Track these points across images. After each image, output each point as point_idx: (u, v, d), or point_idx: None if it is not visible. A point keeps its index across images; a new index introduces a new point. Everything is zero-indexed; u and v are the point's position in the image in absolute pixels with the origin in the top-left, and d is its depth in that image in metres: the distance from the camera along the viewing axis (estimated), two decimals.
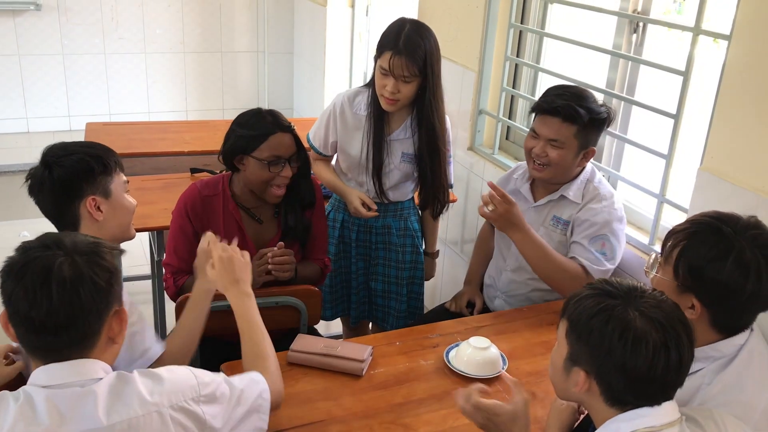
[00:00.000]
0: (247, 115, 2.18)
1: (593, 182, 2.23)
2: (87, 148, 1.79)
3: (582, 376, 1.25)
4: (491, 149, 3.22)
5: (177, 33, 5.55)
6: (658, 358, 1.18)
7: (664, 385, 1.22)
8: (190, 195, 2.21)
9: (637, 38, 2.55)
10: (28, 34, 5.16)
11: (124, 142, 3.38)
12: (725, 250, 1.38)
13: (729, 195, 1.99)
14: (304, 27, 5.54)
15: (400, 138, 2.47)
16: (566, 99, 2.11)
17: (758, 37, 1.89)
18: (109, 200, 1.76)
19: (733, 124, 1.98)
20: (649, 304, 1.22)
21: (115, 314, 1.31)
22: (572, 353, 1.27)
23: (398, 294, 2.65)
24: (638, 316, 1.20)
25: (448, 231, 3.49)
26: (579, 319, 1.25)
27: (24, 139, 5.31)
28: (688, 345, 1.22)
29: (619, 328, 1.19)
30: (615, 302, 1.23)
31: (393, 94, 2.29)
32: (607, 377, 1.22)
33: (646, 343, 1.18)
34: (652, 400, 1.22)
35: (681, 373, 1.22)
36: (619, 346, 1.19)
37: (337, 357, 1.85)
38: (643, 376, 1.19)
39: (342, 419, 1.68)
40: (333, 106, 2.50)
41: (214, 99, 5.85)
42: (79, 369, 1.26)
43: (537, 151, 2.17)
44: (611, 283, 1.27)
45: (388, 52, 2.26)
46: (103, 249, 1.31)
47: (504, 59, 3.08)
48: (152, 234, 2.78)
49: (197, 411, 1.33)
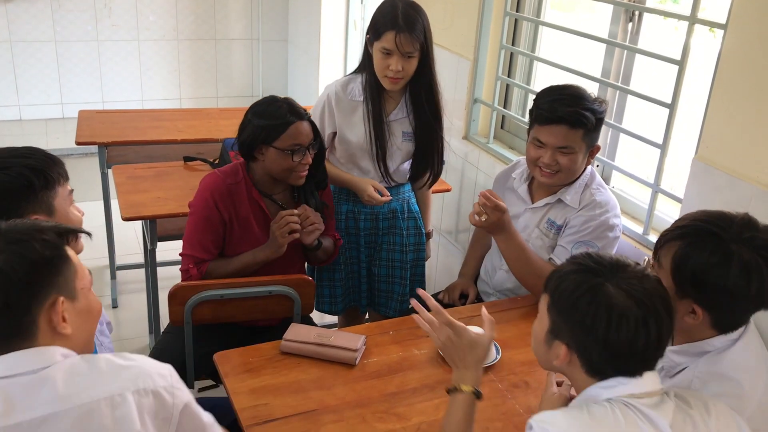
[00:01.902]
0: (263, 105, 2.18)
1: (591, 187, 2.19)
2: (23, 158, 1.57)
3: (563, 349, 1.27)
4: (486, 138, 3.21)
5: (170, 20, 5.51)
6: (638, 334, 1.20)
7: (645, 358, 1.24)
8: (215, 185, 2.19)
9: (632, 27, 2.54)
10: (20, 20, 5.11)
11: (116, 130, 3.36)
12: (726, 256, 1.36)
13: (723, 185, 1.98)
14: (298, 14, 5.51)
15: (398, 118, 2.49)
16: (568, 104, 2.05)
17: (754, 26, 1.88)
18: (53, 218, 1.58)
19: (728, 114, 1.98)
20: (631, 281, 1.23)
21: (52, 306, 1.22)
22: (554, 327, 1.29)
23: (402, 278, 2.66)
24: (620, 293, 1.22)
25: (443, 221, 3.48)
26: (561, 295, 1.27)
27: (17, 127, 5.27)
28: (668, 319, 1.24)
29: (602, 305, 1.21)
30: (597, 279, 1.24)
31: (398, 72, 2.32)
32: (588, 351, 1.25)
33: (627, 319, 1.20)
34: (633, 372, 1.25)
35: (661, 346, 1.25)
36: (601, 323, 1.21)
37: (330, 346, 1.85)
38: (625, 351, 1.22)
39: (335, 408, 1.68)
40: (326, 98, 2.49)
41: (208, 87, 5.82)
42: (31, 357, 1.20)
43: (546, 160, 2.11)
44: (594, 258, 1.28)
45: (390, 31, 2.27)
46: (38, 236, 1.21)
47: (499, 48, 3.07)
48: (145, 223, 2.77)
49: (165, 397, 1.25)
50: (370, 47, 2.37)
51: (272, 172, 2.18)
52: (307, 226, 2.19)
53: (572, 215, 2.18)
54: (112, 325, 1.82)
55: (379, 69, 2.36)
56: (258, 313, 2.22)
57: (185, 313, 2.13)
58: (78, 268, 1.28)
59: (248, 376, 1.77)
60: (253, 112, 2.17)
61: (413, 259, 2.68)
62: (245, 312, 2.21)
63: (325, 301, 2.63)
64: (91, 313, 1.32)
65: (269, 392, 1.72)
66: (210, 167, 3.01)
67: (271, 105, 2.16)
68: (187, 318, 2.14)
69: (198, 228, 2.18)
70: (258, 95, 5.94)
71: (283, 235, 2.14)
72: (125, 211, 2.60)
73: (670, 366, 1.51)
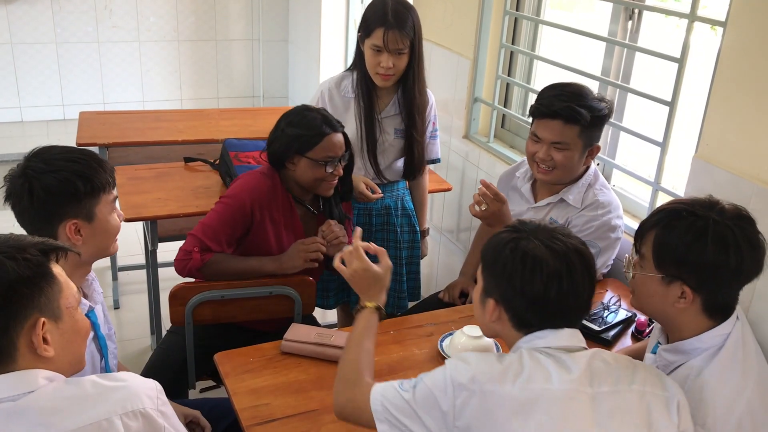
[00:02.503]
0: (296, 115, 2.16)
1: (594, 187, 2.19)
2: (73, 163, 1.56)
3: (491, 304, 1.35)
4: (486, 137, 3.21)
5: (171, 21, 5.52)
6: (551, 283, 1.28)
7: (562, 309, 1.30)
8: (258, 187, 2.15)
9: (632, 25, 2.54)
10: (21, 22, 5.12)
11: (117, 131, 3.36)
12: (701, 230, 1.40)
13: (724, 183, 1.98)
14: (298, 14, 5.51)
15: (390, 115, 2.51)
16: (564, 100, 2.06)
17: (754, 23, 1.87)
18: (92, 224, 1.58)
19: (728, 111, 1.97)
20: (552, 236, 1.32)
21: (33, 327, 1.16)
22: (485, 286, 1.38)
23: (397, 274, 2.66)
24: (538, 245, 1.30)
25: (444, 220, 3.48)
26: (487, 253, 1.37)
27: (18, 129, 5.28)
28: (584, 273, 1.30)
29: (518, 255, 1.30)
30: (520, 235, 1.33)
31: (389, 69, 2.34)
32: (511, 303, 1.33)
33: (541, 268, 1.28)
34: (553, 324, 1.31)
35: (578, 298, 1.31)
36: (517, 271, 1.29)
37: (330, 346, 1.85)
38: (540, 299, 1.29)
39: None
40: (320, 94, 2.52)
41: (209, 87, 5.83)
42: (11, 382, 1.14)
43: (541, 155, 2.12)
44: (524, 222, 1.38)
45: (380, 28, 2.29)
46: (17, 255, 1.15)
47: (499, 47, 3.07)
48: (146, 223, 2.77)
49: (155, 418, 1.20)
50: (361, 44, 2.40)
51: (302, 181, 2.17)
52: (332, 240, 2.20)
53: (574, 215, 2.18)
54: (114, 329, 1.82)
55: (370, 66, 2.38)
56: (259, 314, 2.22)
57: (186, 314, 2.13)
58: (64, 287, 1.22)
59: (249, 376, 1.77)
60: (286, 122, 2.16)
61: (407, 256, 2.68)
62: (246, 312, 2.21)
63: (318, 295, 2.63)
64: (79, 333, 1.26)
65: (270, 392, 1.72)
66: (210, 168, 3.01)
67: (306, 115, 2.15)
68: (187, 318, 2.14)
69: (221, 219, 2.13)
70: (258, 96, 5.95)
71: (307, 259, 2.15)
72: (126, 212, 2.60)
73: (663, 365, 1.51)
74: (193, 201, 2.73)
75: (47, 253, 1.20)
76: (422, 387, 1.30)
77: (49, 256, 1.21)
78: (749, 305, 1.89)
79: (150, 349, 3.16)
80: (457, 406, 1.25)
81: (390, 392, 1.33)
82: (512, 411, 1.22)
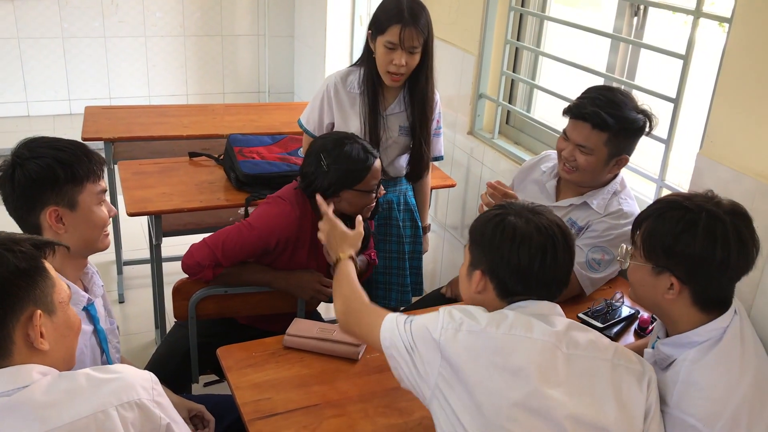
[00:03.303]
0: (336, 149, 2.09)
1: (619, 196, 2.16)
2: (57, 151, 1.56)
3: (478, 274, 1.46)
4: (491, 134, 3.20)
5: (177, 16, 5.53)
6: (536, 254, 1.40)
7: (545, 279, 1.42)
8: (287, 227, 2.13)
9: (637, 21, 2.53)
10: (27, 17, 5.13)
11: (122, 126, 3.37)
12: (691, 222, 1.42)
13: (728, 180, 1.97)
14: (304, 10, 5.51)
15: (395, 112, 2.50)
16: (598, 105, 2.02)
17: (759, 20, 1.86)
18: (75, 212, 1.57)
19: (733, 108, 1.96)
20: (535, 213, 1.45)
21: (29, 320, 1.17)
22: (472, 260, 1.49)
23: (400, 269, 2.66)
24: (524, 222, 1.42)
25: (448, 216, 3.48)
26: (476, 229, 1.49)
27: (24, 123, 5.30)
28: (565, 246, 1.43)
29: (507, 230, 1.42)
30: (506, 211, 1.46)
31: (401, 67, 2.33)
32: (496, 272, 1.43)
33: (529, 241, 1.40)
34: (536, 293, 1.44)
35: (559, 271, 1.43)
36: (506, 244, 1.41)
37: (333, 341, 1.85)
38: (526, 269, 1.40)
39: (337, 403, 1.69)
40: (326, 88, 2.51)
41: (215, 83, 5.83)
42: (6, 377, 1.14)
43: (566, 154, 2.11)
44: (511, 203, 1.51)
45: (396, 25, 2.28)
46: (13, 247, 1.16)
47: (504, 43, 3.06)
48: (150, 218, 2.78)
49: (152, 409, 1.21)
50: (372, 42, 2.38)
51: (349, 211, 2.13)
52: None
53: (595, 219, 2.15)
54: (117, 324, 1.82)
55: (381, 64, 2.36)
56: (262, 308, 2.23)
57: (189, 308, 2.14)
58: (56, 282, 1.23)
59: (251, 371, 1.78)
60: (331, 157, 2.08)
61: (410, 251, 2.68)
62: (249, 307, 2.22)
63: None
64: (71, 329, 1.27)
65: (272, 387, 1.72)
66: (215, 163, 3.02)
67: (347, 150, 2.09)
68: (191, 313, 2.15)
69: (242, 245, 2.10)
70: (264, 91, 5.95)
71: (316, 296, 2.21)
72: (131, 206, 2.61)
73: (661, 358, 1.52)
74: (197, 196, 2.74)
75: (40, 247, 1.22)
76: (417, 321, 1.44)
77: (42, 250, 1.22)
78: (752, 302, 1.88)
79: (154, 343, 3.17)
80: (445, 337, 1.37)
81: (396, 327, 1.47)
82: (494, 351, 1.34)
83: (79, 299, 1.58)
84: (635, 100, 2.09)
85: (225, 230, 2.13)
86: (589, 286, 2.15)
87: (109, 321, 1.74)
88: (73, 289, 1.55)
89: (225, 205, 2.75)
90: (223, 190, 2.81)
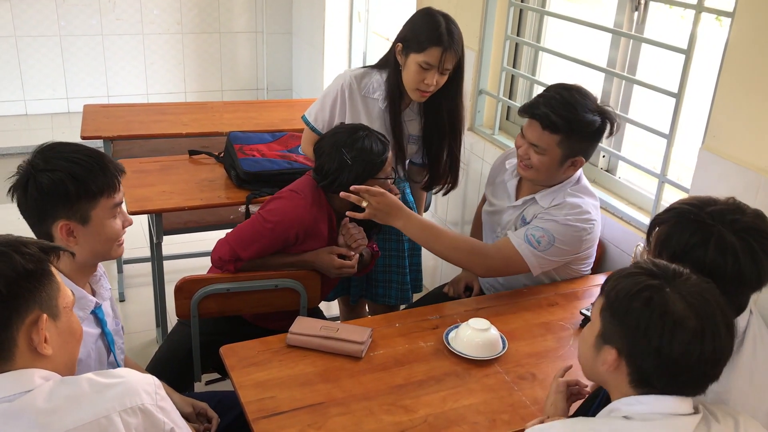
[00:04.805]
0: (354, 142, 2.14)
1: (566, 189, 2.14)
2: (73, 164, 1.52)
3: (613, 354, 1.22)
4: (491, 129, 3.20)
5: (174, 14, 5.51)
6: (693, 346, 1.15)
7: (697, 374, 1.18)
8: (302, 221, 2.15)
9: (638, 16, 2.52)
10: (25, 15, 5.12)
11: (121, 125, 3.36)
12: (705, 236, 1.37)
13: (731, 174, 1.97)
14: (302, 6, 5.49)
15: (406, 120, 2.49)
16: (551, 105, 2.01)
17: (761, 14, 1.86)
18: (87, 227, 1.54)
19: (735, 103, 1.96)
20: (691, 289, 1.18)
21: (33, 323, 1.15)
22: (605, 331, 1.24)
23: (399, 267, 2.66)
24: (678, 300, 1.17)
25: (448, 212, 3.47)
26: (617, 297, 1.22)
27: (22, 122, 5.29)
28: (727, 337, 1.18)
29: (658, 310, 1.16)
30: (656, 282, 1.19)
31: (430, 86, 2.33)
32: (638, 359, 1.19)
33: (683, 328, 1.15)
34: (681, 390, 1.20)
35: (716, 364, 1.18)
36: (656, 329, 1.16)
37: (336, 339, 1.85)
38: (676, 362, 1.16)
39: (342, 401, 1.68)
40: (340, 87, 2.46)
41: (213, 80, 5.82)
42: (8, 382, 1.12)
43: (521, 152, 2.12)
44: (657, 264, 1.24)
45: (436, 48, 2.26)
46: (21, 249, 1.15)
47: (504, 38, 3.05)
48: (151, 217, 2.78)
49: (155, 414, 1.19)
50: (401, 56, 2.35)
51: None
52: (352, 243, 2.23)
53: (539, 211, 2.14)
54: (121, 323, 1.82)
55: (412, 81, 2.34)
56: (264, 307, 2.22)
57: (191, 307, 2.14)
58: (61, 286, 1.21)
59: (254, 369, 1.77)
60: (353, 150, 2.13)
61: (409, 248, 2.67)
62: (251, 305, 2.21)
63: None
64: (74, 335, 1.25)
65: (275, 385, 1.72)
66: (215, 160, 3.01)
67: (364, 143, 2.14)
68: (193, 311, 2.14)
69: (261, 239, 2.14)
70: (262, 88, 5.94)
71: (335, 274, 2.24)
72: (131, 205, 2.60)
73: None
74: (198, 194, 2.73)
75: (47, 251, 1.20)
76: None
77: (49, 254, 1.20)
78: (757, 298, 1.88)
79: (155, 342, 3.17)
80: None
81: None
82: None
83: (87, 303, 1.57)
84: (595, 101, 2.06)
85: (244, 224, 2.18)
86: (534, 263, 2.08)
87: (115, 322, 1.74)
88: (81, 294, 1.55)
89: (226, 203, 2.74)
90: (223, 188, 2.80)
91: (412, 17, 2.38)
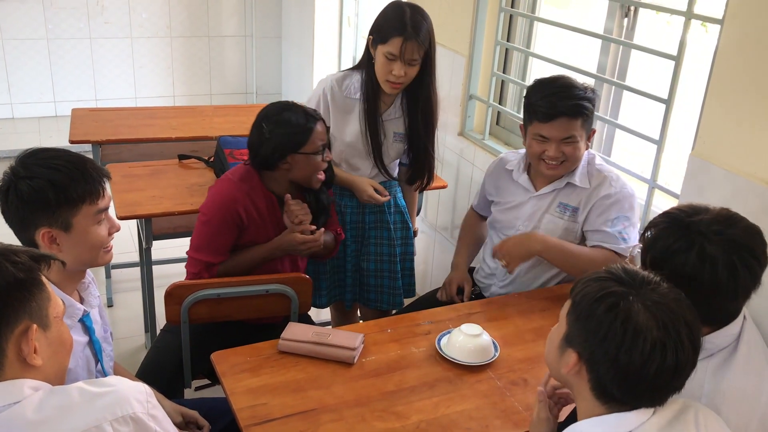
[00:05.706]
0: (276, 114, 2.16)
1: (594, 165, 2.22)
2: (53, 171, 1.48)
3: (574, 357, 1.22)
4: (482, 134, 3.20)
5: (163, 17, 5.49)
6: (653, 357, 1.13)
7: (654, 387, 1.17)
8: (233, 194, 2.16)
9: (628, 22, 2.54)
10: (12, 18, 5.08)
11: (110, 129, 3.34)
12: (688, 244, 1.38)
13: (720, 180, 1.98)
14: (292, 11, 5.49)
15: (391, 118, 2.49)
16: (565, 97, 2.08)
17: (750, 21, 1.87)
18: (69, 234, 1.51)
19: (725, 109, 1.97)
20: (658, 300, 1.17)
21: (23, 334, 1.13)
22: (569, 333, 1.24)
23: (391, 272, 2.65)
24: (642, 309, 1.15)
25: (438, 217, 3.48)
26: (582, 301, 1.22)
27: (9, 126, 5.25)
28: (691, 350, 1.16)
29: (620, 318, 1.15)
30: (622, 289, 1.18)
31: (399, 77, 2.32)
32: (597, 365, 1.19)
33: (644, 338, 1.13)
34: (638, 402, 1.19)
35: (676, 377, 1.17)
36: (616, 336, 1.15)
37: (328, 345, 1.84)
38: (635, 373, 1.15)
39: (334, 408, 1.68)
40: (322, 92, 2.48)
41: (202, 84, 5.80)
42: None
43: (552, 153, 2.13)
44: (627, 270, 1.23)
45: (398, 37, 2.26)
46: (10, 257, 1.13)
47: (494, 44, 3.06)
48: (140, 221, 2.76)
49: (147, 422, 1.17)
50: (372, 49, 2.36)
51: (298, 177, 2.18)
52: (294, 219, 2.21)
53: (588, 195, 2.19)
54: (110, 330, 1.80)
55: (381, 72, 2.35)
56: (255, 312, 2.21)
57: (182, 313, 2.12)
58: (51, 296, 1.19)
59: (246, 376, 1.76)
60: (272, 123, 2.14)
61: (401, 253, 2.67)
62: (242, 311, 2.20)
63: None
64: (64, 345, 1.23)
65: (267, 392, 1.71)
66: (205, 165, 3.00)
67: (287, 114, 2.14)
68: (183, 317, 2.13)
69: (212, 231, 2.15)
70: (252, 92, 5.92)
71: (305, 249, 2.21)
72: (120, 210, 2.58)
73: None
74: (188, 198, 2.71)
75: (37, 260, 1.18)
76: None
77: (40, 263, 1.18)
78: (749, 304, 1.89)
79: (144, 347, 3.14)
80: None
81: None
82: None
83: (74, 312, 1.55)
84: (574, 79, 2.17)
85: (194, 233, 2.20)
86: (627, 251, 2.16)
87: (104, 329, 1.72)
88: (69, 302, 1.53)
89: None
90: None
91: (383, 9, 2.38)
